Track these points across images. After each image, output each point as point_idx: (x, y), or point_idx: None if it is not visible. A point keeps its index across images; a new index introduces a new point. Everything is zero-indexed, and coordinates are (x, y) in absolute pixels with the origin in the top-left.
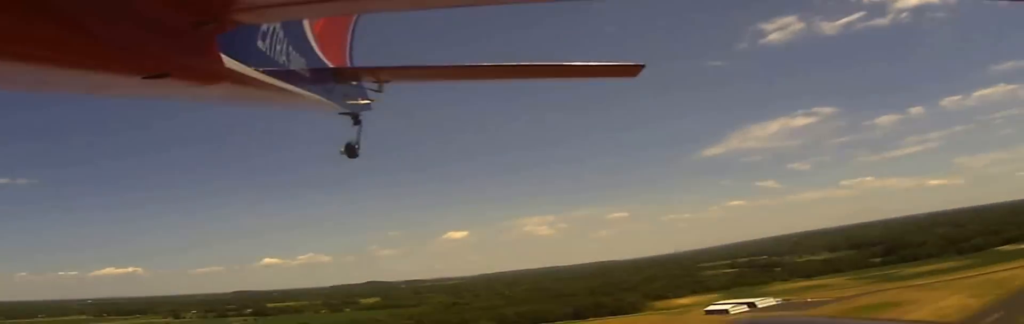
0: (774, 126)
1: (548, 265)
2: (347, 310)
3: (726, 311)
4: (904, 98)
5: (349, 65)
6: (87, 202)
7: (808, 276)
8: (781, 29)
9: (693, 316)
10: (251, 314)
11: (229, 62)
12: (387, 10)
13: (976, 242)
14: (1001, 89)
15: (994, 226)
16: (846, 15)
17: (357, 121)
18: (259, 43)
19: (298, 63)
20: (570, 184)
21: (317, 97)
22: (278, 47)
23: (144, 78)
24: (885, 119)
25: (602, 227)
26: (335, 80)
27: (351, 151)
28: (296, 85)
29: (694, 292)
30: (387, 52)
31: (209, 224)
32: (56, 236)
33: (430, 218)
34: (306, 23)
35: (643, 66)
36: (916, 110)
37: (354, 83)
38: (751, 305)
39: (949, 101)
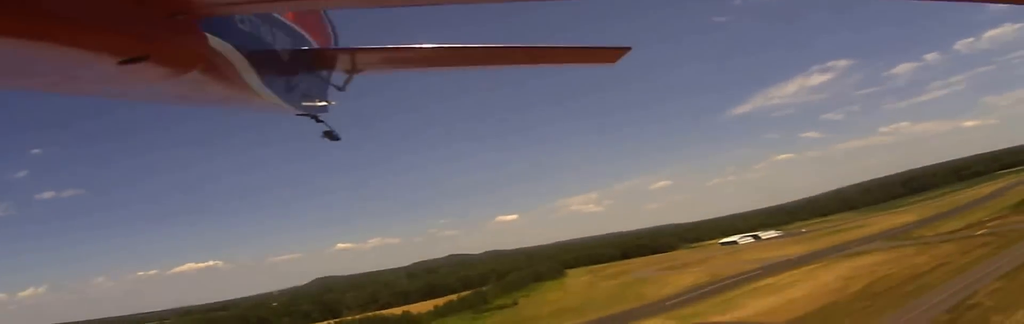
0: (792, 86)
1: (607, 232)
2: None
3: (735, 242)
4: (919, 45)
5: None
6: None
7: (824, 214)
8: None
9: (712, 247)
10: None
11: (213, 41)
12: (353, 6)
13: (977, 168)
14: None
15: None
16: None
17: (318, 120)
18: (240, 25)
19: (282, 44)
20: (606, 160)
21: (278, 93)
22: (262, 29)
23: (120, 63)
24: (903, 67)
25: (648, 199)
26: (312, 64)
27: (330, 136)
28: (273, 69)
29: (725, 234)
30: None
31: (284, 215)
32: (131, 240)
33: (475, 206)
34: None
35: (628, 49)
36: (932, 56)
37: (323, 72)
38: (756, 237)
39: (962, 44)
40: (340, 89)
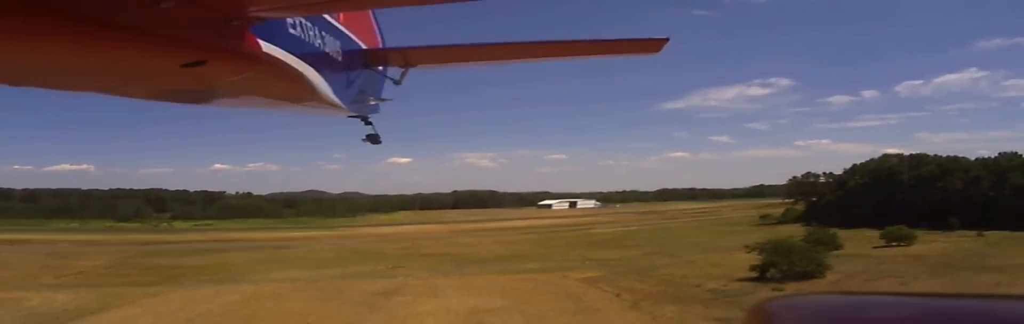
0: (731, 92)
1: (489, 188)
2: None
3: (550, 205)
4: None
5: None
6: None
7: (663, 200)
8: None
9: (530, 209)
10: None
11: (267, 47)
12: (405, 5)
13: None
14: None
15: None
16: None
17: (367, 122)
18: (291, 31)
19: (332, 47)
20: (513, 126)
21: (332, 95)
22: (310, 33)
23: (182, 67)
24: (838, 99)
25: (542, 165)
26: (362, 64)
27: (373, 139)
28: (327, 71)
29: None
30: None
31: (165, 130)
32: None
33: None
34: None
35: (667, 40)
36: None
37: (378, 68)
38: (573, 204)
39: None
40: (396, 83)
